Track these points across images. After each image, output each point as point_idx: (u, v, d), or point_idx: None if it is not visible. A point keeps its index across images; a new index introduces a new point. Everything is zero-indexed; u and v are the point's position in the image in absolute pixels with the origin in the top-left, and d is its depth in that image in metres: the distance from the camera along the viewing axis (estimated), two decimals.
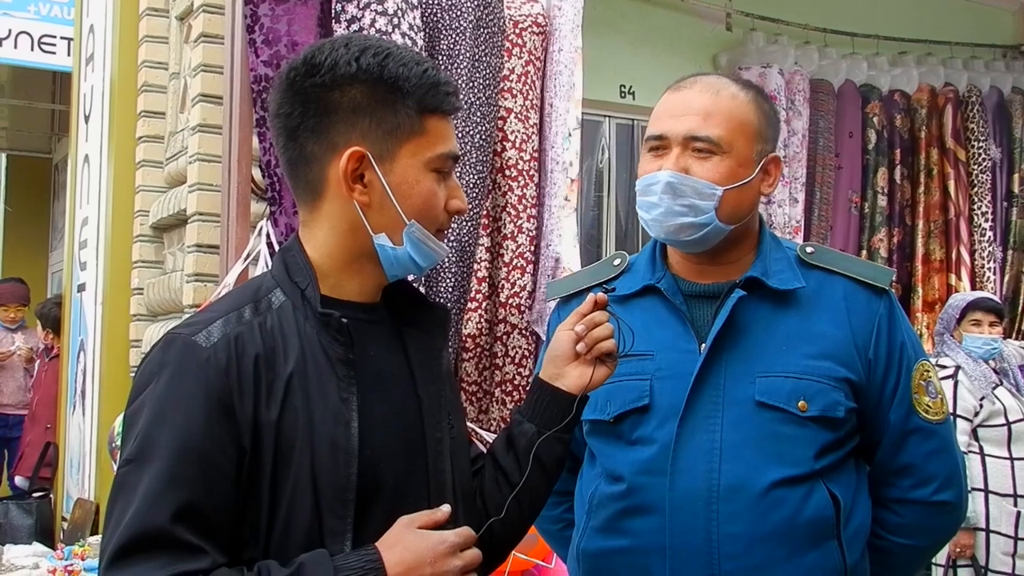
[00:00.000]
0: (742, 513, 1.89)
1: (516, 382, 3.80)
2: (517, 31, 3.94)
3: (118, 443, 3.10)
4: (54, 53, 7.47)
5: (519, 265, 3.85)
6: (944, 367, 4.63)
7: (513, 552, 3.21)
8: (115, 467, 3.00)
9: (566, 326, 1.77)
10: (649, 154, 2.01)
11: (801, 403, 1.92)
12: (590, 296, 1.77)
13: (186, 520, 1.39)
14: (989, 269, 6.27)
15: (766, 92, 2.11)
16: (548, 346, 1.81)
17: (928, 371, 2.05)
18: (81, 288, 5.21)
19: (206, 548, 1.39)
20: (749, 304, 1.97)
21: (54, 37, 7.47)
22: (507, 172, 3.87)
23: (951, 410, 4.43)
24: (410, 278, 1.78)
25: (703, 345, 1.96)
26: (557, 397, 1.73)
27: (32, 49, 7.49)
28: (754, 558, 1.89)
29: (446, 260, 3.51)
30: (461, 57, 3.66)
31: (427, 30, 3.64)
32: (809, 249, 2.07)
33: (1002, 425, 4.56)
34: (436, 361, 1.67)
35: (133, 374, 4.44)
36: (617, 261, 2.17)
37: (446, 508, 1.53)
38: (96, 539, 3.67)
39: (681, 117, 1.97)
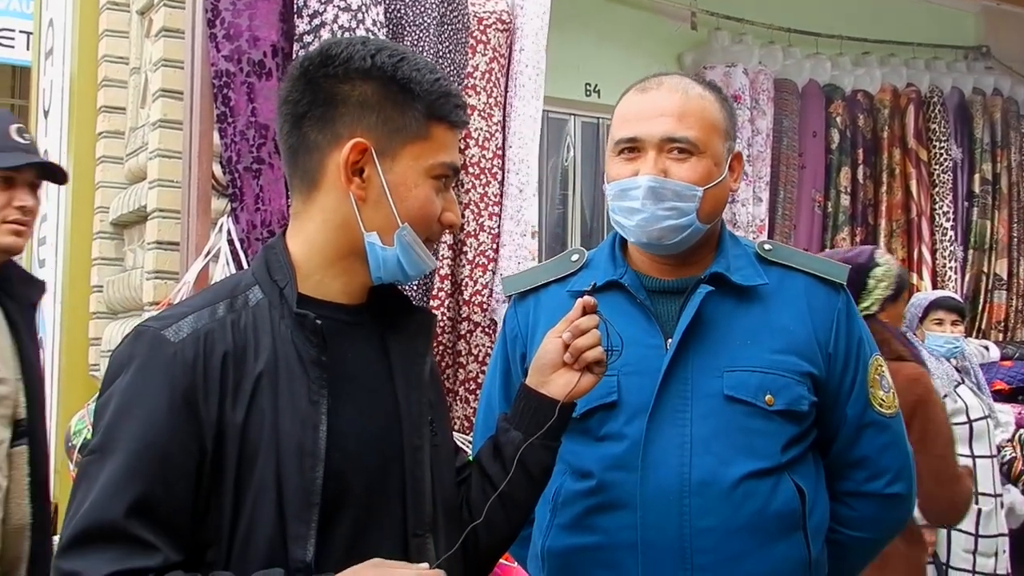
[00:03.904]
0: (714, 507, 1.90)
1: (479, 380, 3.78)
2: (481, 28, 3.93)
3: (74, 443, 3.06)
4: (13, 47, 7.39)
5: (481, 263, 3.83)
6: None
7: None
8: (72, 467, 2.96)
9: (554, 333, 1.74)
10: (619, 158, 1.99)
11: (768, 397, 1.94)
12: (579, 301, 1.74)
13: (141, 515, 1.38)
14: (950, 268, 6.32)
15: (723, 91, 2.12)
16: (499, 341, 1.79)
17: (881, 366, 2.10)
18: None
19: (159, 545, 1.38)
20: (713, 299, 1.98)
21: (13, 31, 7.38)
22: (470, 170, 3.86)
23: None
24: None
25: (669, 340, 1.96)
26: (543, 404, 1.70)
27: None
28: (726, 551, 1.90)
29: None
30: (425, 54, 3.64)
31: (391, 26, 3.62)
32: (767, 246, 2.08)
33: (964, 423, 4.58)
34: (419, 366, 1.64)
35: (92, 372, 4.39)
36: (575, 257, 2.16)
37: (424, 567, 1.46)
38: (55, 539, 3.61)
39: (654, 119, 1.96)
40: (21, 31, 7.29)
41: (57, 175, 2.72)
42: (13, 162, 2.55)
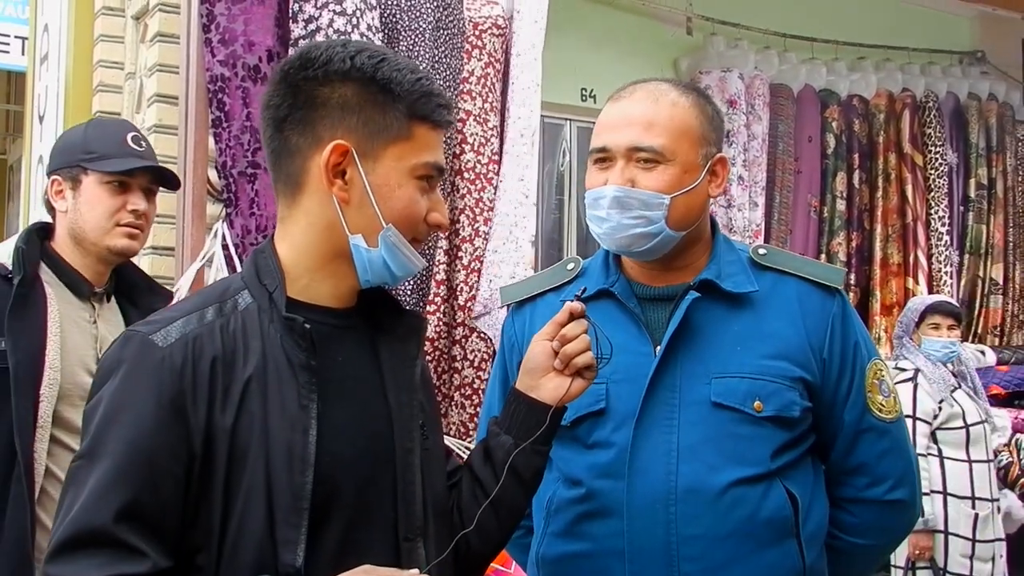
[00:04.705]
0: (700, 514, 1.89)
1: (475, 386, 3.78)
2: (477, 33, 3.93)
3: None
4: (8, 52, 7.37)
5: (477, 268, 3.83)
6: (903, 370, 4.66)
7: None
8: None
9: (541, 337, 1.74)
10: (595, 167, 2.00)
11: (757, 403, 1.92)
12: (566, 305, 1.74)
13: (129, 520, 1.37)
14: (946, 273, 6.32)
15: (708, 94, 2.11)
16: (499, 351, 1.78)
17: (881, 370, 2.07)
18: None
19: (147, 551, 1.37)
20: (703, 306, 1.97)
21: (8, 36, 7.37)
22: (465, 175, 3.85)
23: (911, 413, 4.45)
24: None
25: (658, 347, 1.96)
26: (534, 408, 1.70)
27: None
28: (714, 559, 1.89)
29: None
30: (420, 59, 3.64)
31: (386, 31, 3.61)
32: (762, 251, 2.07)
33: (960, 428, 4.59)
34: (409, 369, 1.63)
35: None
36: (571, 266, 2.16)
37: (414, 572, 1.47)
38: None
39: (623, 128, 1.96)
40: (16, 36, 7.27)
41: (170, 180, 2.79)
42: (126, 166, 2.61)
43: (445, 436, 3.52)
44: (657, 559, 1.89)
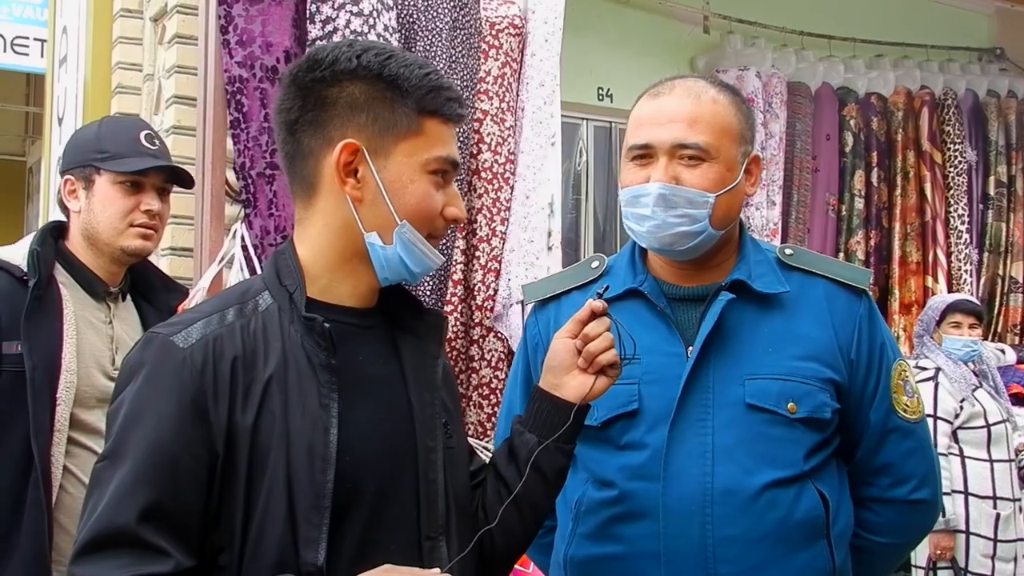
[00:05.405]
0: (736, 516, 1.89)
1: (492, 385, 3.78)
2: (494, 33, 3.93)
3: None
4: (27, 55, 7.39)
5: (494, 268, 3.82)
6: (924, 369, 4.63)
7: None
8: None
9: (563, 334, 1.73)
10: (633, 163, 1.98)
11: (790, 405, 1.92)
12: (587, 304, 1.73)
13: (152, 520, 1.38)
14: (966, 271, 6.28)
15: (741, 92, 2.10)
16: (521, 349, 1.77)
17: (905, 371, 2.07)
18: None
19: (170, 551, 1.39)
20: (734, 306, 1.96)
21: (27, 38, 7.39)
22: (482, 175, 3.85)
23: (932, 412, 4.43)
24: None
25: (690, 348, 1.95)
26: (557, 406, 1.70)
27: (4, 51, 7.39)
28: (749, 560, 1.89)
29: None
30: (437, 59, 3.64)
31: (403, 31, 3.61)
32: (788, 251, 2.06)
33: (982, 427, 4.56)
34: (431, 368, 1.64)
35: None
36: (595, 264, 2.14)
37: (436, 572, 1.48)
38: None
39: (666, 125, 1.94)
40: (35, 38, 7.30)
41: (184, 179, 2.77)
42: (139, 166, 2.59)
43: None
44: (693, 561, 1.89)
